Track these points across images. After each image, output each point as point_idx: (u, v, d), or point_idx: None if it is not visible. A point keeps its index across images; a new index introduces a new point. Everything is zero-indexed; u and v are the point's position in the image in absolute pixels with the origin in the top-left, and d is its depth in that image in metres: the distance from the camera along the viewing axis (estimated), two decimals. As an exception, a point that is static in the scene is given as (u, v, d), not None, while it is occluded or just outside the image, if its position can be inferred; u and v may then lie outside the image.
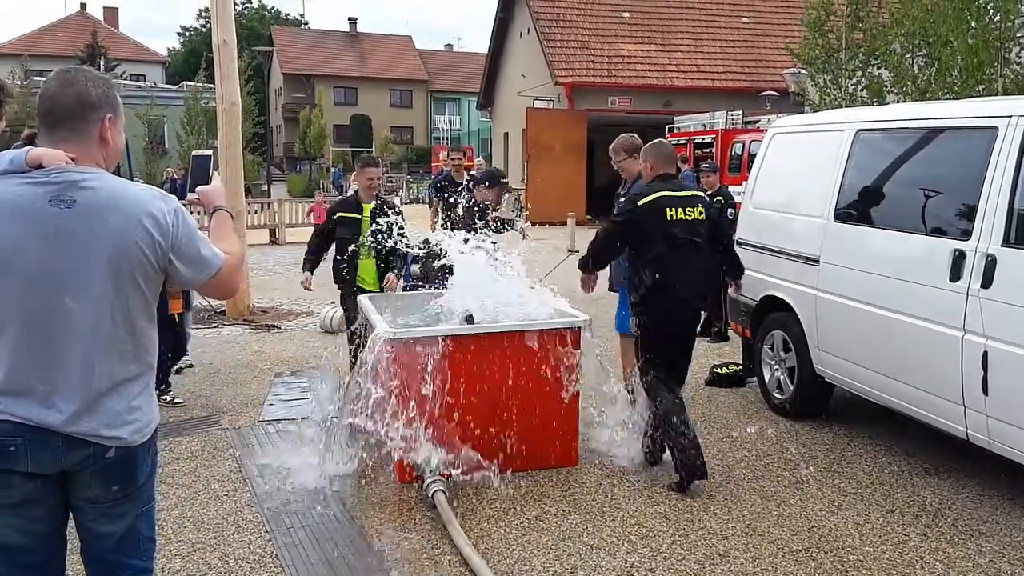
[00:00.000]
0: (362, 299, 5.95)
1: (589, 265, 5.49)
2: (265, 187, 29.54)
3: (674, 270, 4.99)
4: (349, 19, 62.98)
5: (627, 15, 28.48)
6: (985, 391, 4.40)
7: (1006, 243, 4.36)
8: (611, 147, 6.31)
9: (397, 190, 33.06)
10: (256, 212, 19.50)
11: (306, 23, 70.93)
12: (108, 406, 2.27)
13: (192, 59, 50.78)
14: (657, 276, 5.00)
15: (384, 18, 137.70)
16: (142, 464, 2.38)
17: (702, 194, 5.70)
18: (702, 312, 5.53)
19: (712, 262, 5.52)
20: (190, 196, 2.66)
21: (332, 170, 35.04)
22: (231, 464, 5.31)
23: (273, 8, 74.19)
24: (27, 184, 2.21)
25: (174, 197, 2.39)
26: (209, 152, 2.82)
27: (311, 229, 13.71)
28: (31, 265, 2.19)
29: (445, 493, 4.56)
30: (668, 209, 5.01)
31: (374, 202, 6.63)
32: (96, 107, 2.31)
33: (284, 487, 4.92)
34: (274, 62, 57.24)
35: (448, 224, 7.65)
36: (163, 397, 6.40)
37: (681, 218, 5.04)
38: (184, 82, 39.55)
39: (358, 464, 5.31)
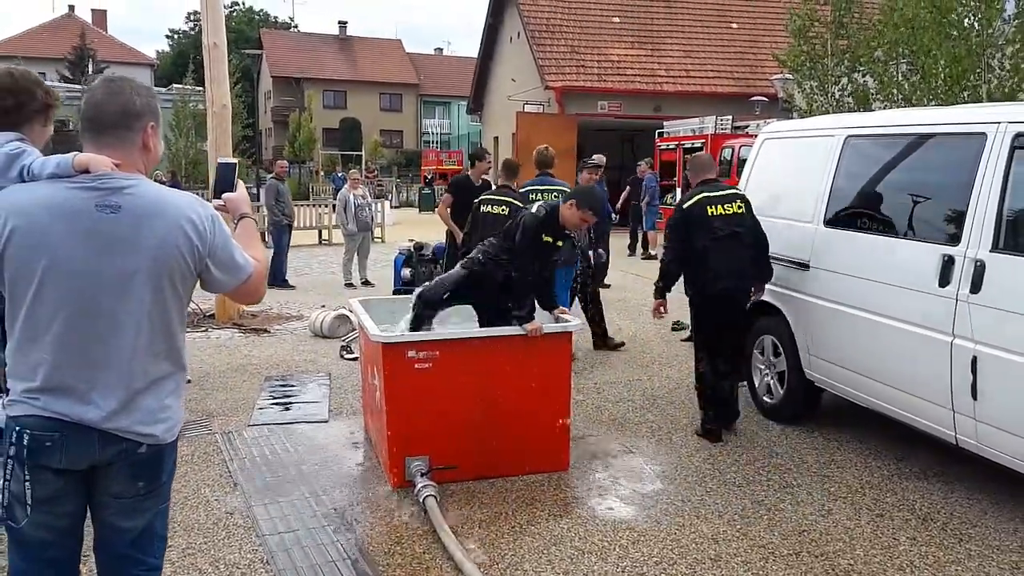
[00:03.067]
0: (354, 303, 5.93)
1: (663, 288, 5.99)
2: (255, 190, 29.44)
3: (717, 259, 5.67)
4: (339, 22, 63.07)
5: (617, 20, 28.55)
6: (974, 396, 4.43)
7: (995, 248, 4.39)
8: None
9: (387, 193, 32.98)
10: (245, 215, 19.45)
11: (295, 26, 70.86)
12: (144, 404, 2.36)
13: (180, 62, 50.65)
14: (703, 265, 5.71)
15: (374, 22, 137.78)
16: (168, 461, 2.48)
17: (740, 191, 6.19)
18: (750, 295, 6.09)
19: (760, 250, 5.96)
20: (215, 203, 2.70)
21: (334, 174, 34.79)
22: (221, 469, 5.29)
23: (262, 11, 74.23)
24: (75, 189, 2.30)
25: (210, 204, 2.49)
26: (235, 160, 2.91)
27: (303, 232, 13.66)
28: (77, 267, 2.27)
29: (436, 498, 4.55)
30: (709, 207, 5.72)
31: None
32: (140, 116, 2.40)
33: (275, 492, 4.90)
34: (263, 65, 57.18)
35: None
36: None
37: (720, 213, 5.72)
38: (173, 85, 39.41)
39: (350, 469, 5.32)
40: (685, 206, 5.84)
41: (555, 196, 7.26)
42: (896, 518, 4.56)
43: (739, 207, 5.79)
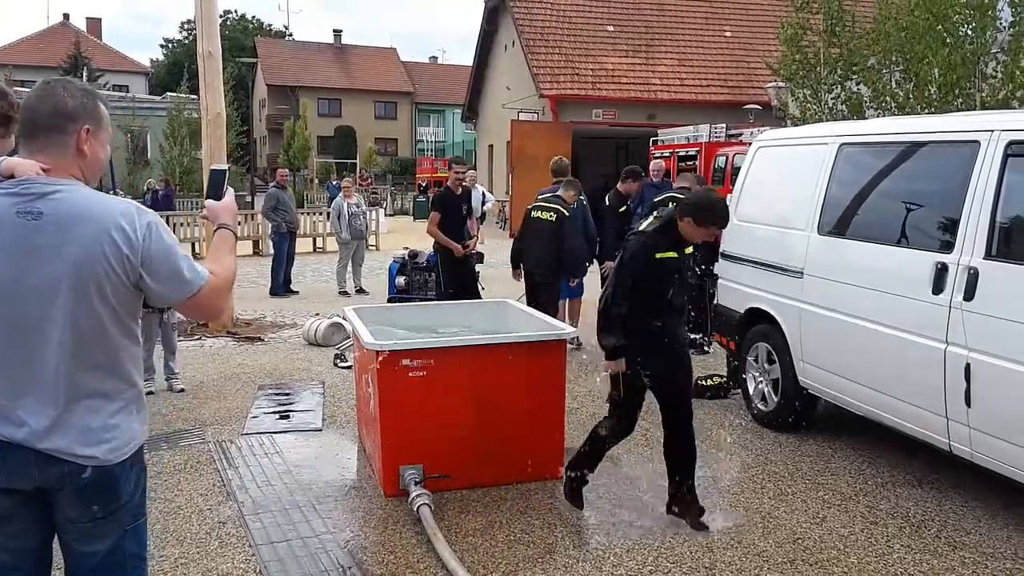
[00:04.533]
0: (348, 311, 5.92)
1: None
2: (249, 198, 29.44)
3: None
4: (334, 31, 63.29)
5: (611, 29, 28.64)
6: (968, 403, 4.43)
7: (988, 256, 4.40)
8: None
9: (382, 201, 32.96)
10: (240, 223, 19.41)
11: (290, 35, 70.89)
12: (81, 423, 2.21)
13: (175, 70, 50.68)
14: None
15: (368, 30, 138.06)
16: (124, 483, 2.32)
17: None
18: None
19: None
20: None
21: (329, 182, 34.72)
22: (214, 478, 5.26)
23: (256, 19, 74.22)
24: None
25: (150, 211, 2.31)
26: (224, 167, 2.77)
27: (298, 240, 13.69)
28: None
29: (430, 507, 4.54)
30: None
31: None
32: (73, 118, 2.26)
33: (268, 501, 4.88)
34: (258, 73, 57.33)
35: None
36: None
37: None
38: (167, 93, 39.43)
39: (344, 478, 5.31)
40: None
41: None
42: (890, 525, 4.55)
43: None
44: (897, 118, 10.96)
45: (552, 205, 8.21)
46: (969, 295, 4.44)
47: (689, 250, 4.59)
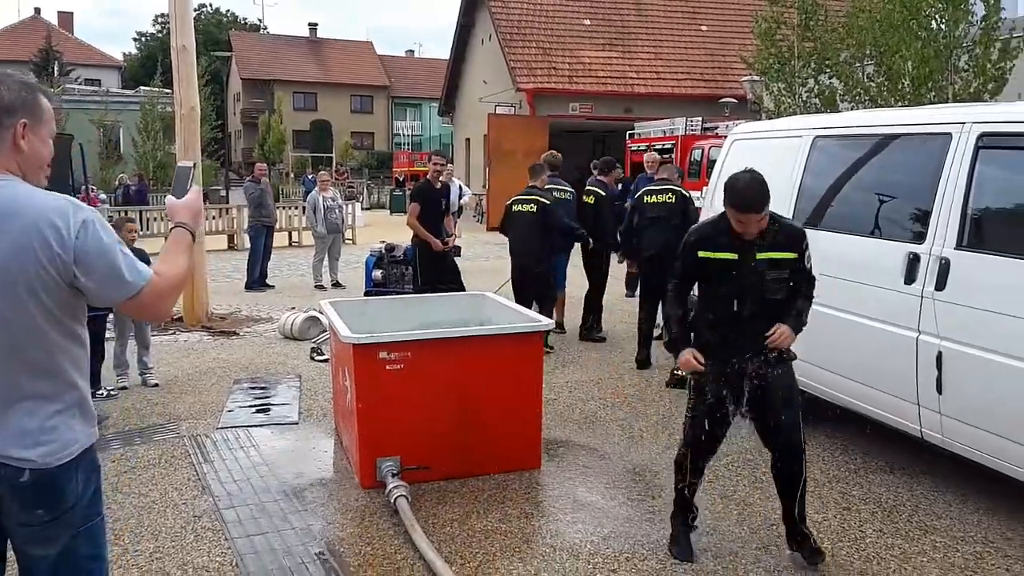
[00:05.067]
0: (325, 304, 5.90)
1: None
2: (223, 193, 29.19)
3: None
4: (309, 24, 62.61)
5: (588, 22, 28.67)
6: (939, 390, 4.49)
7: (959, 246, 4.46)
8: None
9: (358, 195, 32.82)
10: (215, 218, 19.28)
11: (265, 28, 70.40)
12: (16, 425, 2.14)
13: (148, 64, 50.13)
14: None
15: (344, 24, 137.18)
16: (69, 487, 2.23)
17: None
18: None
19: None
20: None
21: (305, 176, 34.46)
22: (189, 472, 5.23)
23: (231, 13, 73.62)
24: None
25: (88, 208, 2.22)
26: (190, 163, 2.68)
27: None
28: None
29: (407, 498, 4.54)
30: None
31: None
32: (10, 111, 2.19)
33: (244, 494, 4.86)
34: (232, 67, 56.85)
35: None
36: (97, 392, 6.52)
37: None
38: (141, 87, 39.01)
39: (320, 471, 5.29)
40: None
41: (565, 196, 8.92)
42: (863, 511, 4.61)
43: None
44: (870, 111, 11.06)
45: (531, 196, 8.45)
46: (941, 285, 4.49)
47: (778, 254, 3.87)
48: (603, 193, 9.22)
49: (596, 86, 27.02)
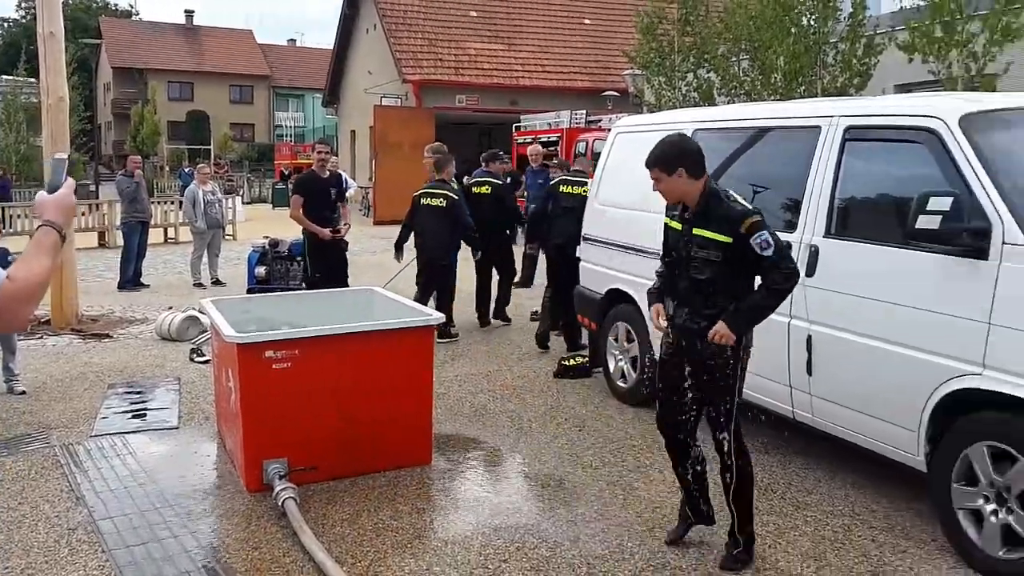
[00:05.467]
0: (206, 303, 5.71)
1: None
2: (93, 187, 27.83)
3: None
4: (185, 11, 60.16)
5: (474, 14, 28.68)
6: (809, 372, 4.72)
7: (828, 234, 4.68)
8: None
9: (238, 188, 31.85)
10: (84, 214, 18.28)
11: (137, 14, 67.38)
12: None
13: (11, 52, 47.24)
14: None
15: (222, 12, 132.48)
16: None
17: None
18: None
19: None
20: None
21: (181, 169, 33.09)
22: (62, 483, 4.98)
23: (100, -1, 70.07)
24: None
25: None
26: (63, 156, 2.50)
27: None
28: None
29: (296, 500, 4.45)
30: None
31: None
32: None
33: (122, 504, 4.66)
34: (102, 55, 54.21)
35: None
36: None
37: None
38: (2, 76, 36.71)
39: (203, 476, 5.14)
40: None
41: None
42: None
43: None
44: (747, 104, 11.48)
45: (439, 190, 8.71)
46: (811, 271, 4.70)
47: (709, 234, 3.79)
48: (499, 182, 9.54)
49: (482, 78, 27.09)
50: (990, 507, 3.80)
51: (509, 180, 12.22)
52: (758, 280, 3.84)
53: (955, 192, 3.84)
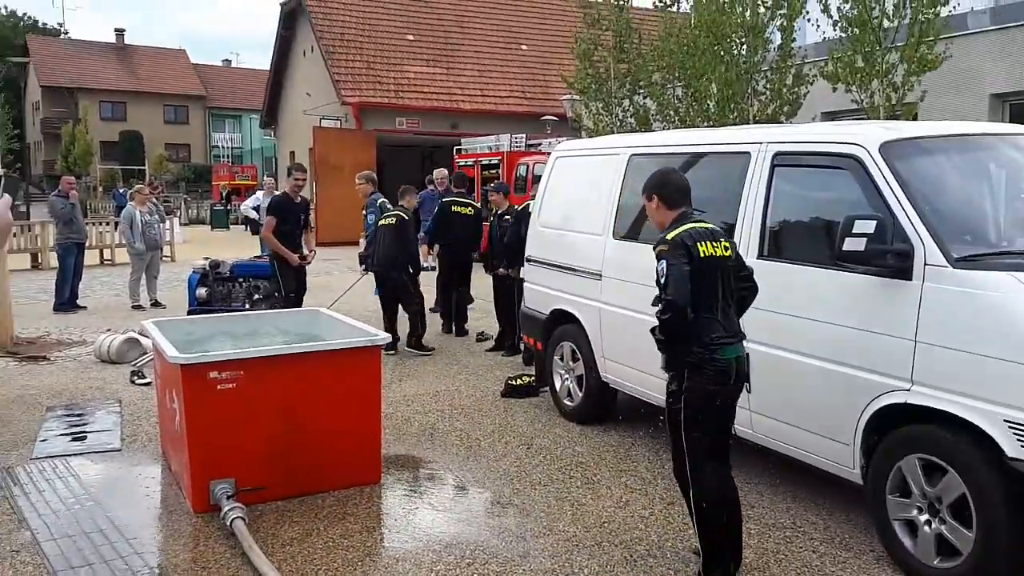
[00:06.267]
0: (148, 324, 5.67)
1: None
2: (24, 208, 27.04)
3: None
4: (116, 30, 58.99)
5: (411, 38, 28.82)
6: (748, 390, 4.89)
7: (760, 256, 4.88)
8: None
9: (175, 210, 31.28)
10: (15, 235, 17.78)
11: (66, 33, 65.81)
12: None
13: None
14: None
15: (154, 31, 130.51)
16: None
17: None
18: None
19: None
20: None
21: (115, 190, 32.33)
22: (3, 506, 4.88)
23: (28, 16, 68.40)
24: None
25: None
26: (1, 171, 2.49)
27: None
28: None
29: (244, 520, 4.45)
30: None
31: None
32: None
33: (66, 526, 4.59)
34: (31, 74, 52.84)
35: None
36: None
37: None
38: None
39: (148, 498, 5.09)
40: None
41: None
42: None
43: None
44: (680, 131, 11.80)
45: (394, 211, 9.44)
46: (746, 291, 4.89)
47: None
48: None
49: (422, 101, 27.21)
50: (923, 517, 3.97)
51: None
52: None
53: (879, 216, 4.05)
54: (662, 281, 3.78)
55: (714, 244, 3.93)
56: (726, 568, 3.98)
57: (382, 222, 9.37)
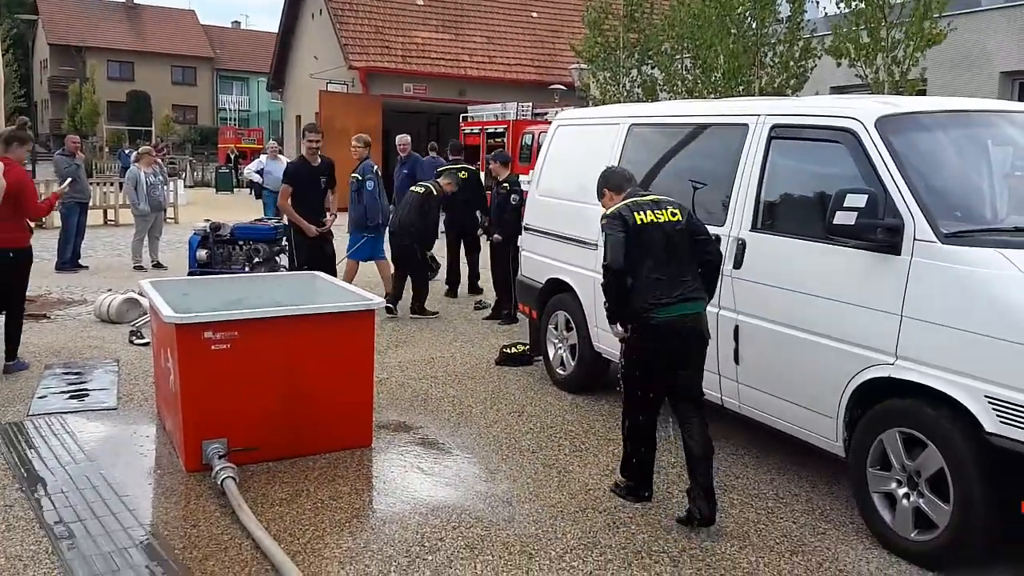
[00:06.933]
0: (145, 284, 5.71)
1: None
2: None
3: None
4: (125, -11, 58.66)
5: (420, 2, 28.58)
6: (736, 361, 4.93)
7: (754, 228, 4.89)
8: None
9: (180, 172, 31.28)
10: (19, 194, 17.83)
11: (75, -10, 65.32)
12: None
13: (-61, 24, 45.54)
14: None
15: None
16: None
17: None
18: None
19: None
20: None
21: (121, 150, 32.33)
22: (-3, 462, 4.96)
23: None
24: None
25: None
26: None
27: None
28: None
29: (235, 479, 4.51)
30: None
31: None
32: None
33: (60, 482, 4.67)
34: (39, 32, 52.65)
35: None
36: None
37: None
38: (-71, 49, 35.41)
39: (141, 456, 5.16)
40: None
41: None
42: (670, 474, 5.00)
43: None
44: (680, 101, 11.73)
45: (428, 183, 9.67)
46: (738, 264, 4.92)
47: None
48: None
49: (429, 67, 27.04)
50: (902, 491, 4.02)
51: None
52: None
53: (870, 190, 4.05)
54: (601, 250, 4.30)
55: (656, 212, 4.37)
56: (638, 496, 4.59)
57: (413, 188, 9.60)
